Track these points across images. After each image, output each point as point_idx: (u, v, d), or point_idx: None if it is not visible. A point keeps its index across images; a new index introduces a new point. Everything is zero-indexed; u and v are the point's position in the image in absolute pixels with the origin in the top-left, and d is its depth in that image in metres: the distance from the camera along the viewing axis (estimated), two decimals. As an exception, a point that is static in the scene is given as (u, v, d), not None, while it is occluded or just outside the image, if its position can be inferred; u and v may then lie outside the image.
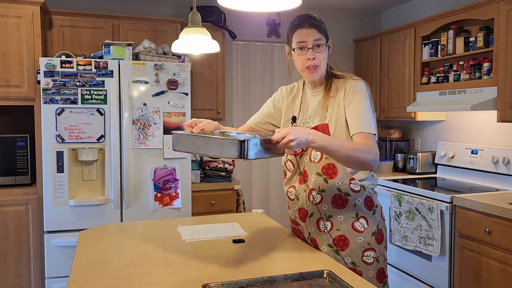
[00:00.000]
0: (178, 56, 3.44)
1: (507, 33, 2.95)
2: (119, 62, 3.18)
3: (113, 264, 1.61)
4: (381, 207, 1.84)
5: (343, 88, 1.76)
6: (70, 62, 3.09)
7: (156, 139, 3.25)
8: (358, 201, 1.75)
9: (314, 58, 1.73)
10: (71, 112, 3.09)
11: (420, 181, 3.73)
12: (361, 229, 1.74)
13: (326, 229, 1.76)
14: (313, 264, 1.59)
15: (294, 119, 1.86)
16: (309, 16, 1.77)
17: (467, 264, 2.90)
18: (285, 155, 1.85)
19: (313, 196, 1.77)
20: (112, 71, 3.15)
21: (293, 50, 1.77)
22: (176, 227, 2.11)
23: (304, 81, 1.91)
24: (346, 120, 1.73)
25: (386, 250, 1.83)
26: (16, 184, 3.32)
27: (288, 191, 1.89)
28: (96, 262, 1.63)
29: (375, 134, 1.68)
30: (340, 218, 1.74)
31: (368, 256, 1.74)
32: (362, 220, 1.75)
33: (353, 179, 1.75)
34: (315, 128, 1.75)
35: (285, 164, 1.88)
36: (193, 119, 1.77)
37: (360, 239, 1.74)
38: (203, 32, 2.34)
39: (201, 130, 1.71)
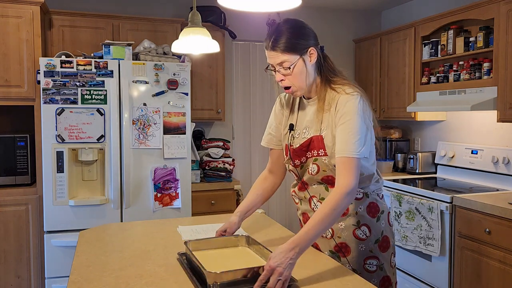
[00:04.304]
0: (178, 56, 3.44)
1: (507, 33, 2.95)
2: (119, 62, 3.18)
3: (113, 264, 1.61)
4: (389, 212, 1.78)
5: (335, 103, 1.62)
6: (70, 62, 3.09)
7: (156, 139, 3.25)
8: (360, 208, 1.69)
9: (282, 80, 1.64)
10: (71, 112, 3.09)
11: (420, 181, 3.73)
12: (363, 236, 1.69)
13: (328, 235, 1.73)
14: (314, 265, 1.59)
15: (291, 127, 1.77)
16: (273, 34, 1.61)
17: (467, 264, 2.90)
18: (287, 165, 1.81)
19: (314, 203, 1.74)
20: (112, 71, 3.15)
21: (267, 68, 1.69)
22: (176, 227, 2.11)
23: None
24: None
25: (393, 256, 1.77)
26: (16, 184, 3.32)
27: (292, 194, 1.87)
28: (96, 262, 1.63)
29: (358, 158, 1.54)
30: (341, 225, 1.70)
31: (370, 264, 1.70)
32: (364, 227, 1.69)
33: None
34: (310, 140, 1.68)
35: (290, 172, 1.84)
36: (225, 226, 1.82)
37: (362, 247, 1.70)
38: (203, 32, 2.34)
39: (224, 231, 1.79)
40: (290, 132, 1.77)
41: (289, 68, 1.61)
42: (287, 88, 1.67)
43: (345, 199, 1.51)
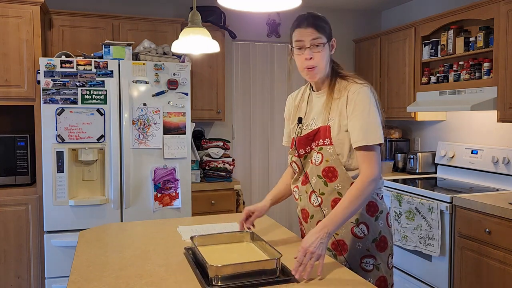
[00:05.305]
0: (178, 56, 3.44)
1: (507, 33, 2.95)
2: (119, 62, 3.18)
3: (113, 264, 1.61)
4: (388, 213, 1.78)
5: (346, 93, 1.69)
6: (70, 62, 3.09)
7: (156, 139, 3.25)
8: None
9: (311, 58, 1.69)
10: (71, 112, 3.09)
11: (420, 181, 3.73)
12: (361, 235, 1.70)
13: None
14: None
15: (300, 120, 1.82)
16: (309, 15, 1.73)
17: (467, 264, 2.90)
18: (291, 156, 1.84)
19: (313, 198, 1.75)
20: (112, 71, 3.15)
21: (291, 49, 1.76)
22: (176, 227, 2.11)
23: (311, 84, 1.86)
24: (348, 128, 1.67)
25: (391, 257, 1.77)
26: (16, 184, 3.32)
27: (293, 190, 1.88)
28: (96, 262, 1.63)
29: (379, 144, 1.63)
30: None
31: (367, 263, 1.71)
32: (362, 225, 1.70)
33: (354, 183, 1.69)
34: (317, 130, 1.73)
35: (291, 165, 1.86)
36: (245, 211, 1.90)
37: (359, 245, 1.71)
38: (203, 32, 2.34)
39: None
40: (298, 125, 1.83)
41: (321, 45, 1.69)
42: (310, 68, 1.70)
43: (370, 185, 1.59)
